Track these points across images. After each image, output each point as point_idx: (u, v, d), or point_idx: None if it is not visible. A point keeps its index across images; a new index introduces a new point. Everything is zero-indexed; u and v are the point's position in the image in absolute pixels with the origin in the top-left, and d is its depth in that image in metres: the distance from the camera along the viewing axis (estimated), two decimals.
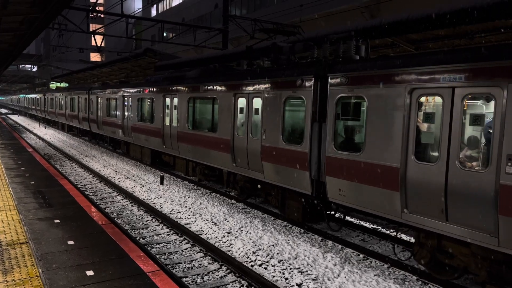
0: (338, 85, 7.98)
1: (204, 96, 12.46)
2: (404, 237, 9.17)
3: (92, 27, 22.87)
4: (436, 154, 6.41)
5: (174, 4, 48.37)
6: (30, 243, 6.41)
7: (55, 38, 29.81)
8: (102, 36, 23.28)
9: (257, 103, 10.18)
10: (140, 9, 42.27)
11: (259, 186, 10.84)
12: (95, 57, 66.81)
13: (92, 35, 19.97)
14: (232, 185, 11.98)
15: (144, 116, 16.97)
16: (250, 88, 10.32)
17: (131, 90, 17.95)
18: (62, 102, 32.04)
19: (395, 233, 8.65)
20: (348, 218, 10.31)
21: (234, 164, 10.98)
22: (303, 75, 8.68)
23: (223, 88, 11.42)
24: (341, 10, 20.56)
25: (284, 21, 22.29)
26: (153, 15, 53.13)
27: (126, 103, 18.54)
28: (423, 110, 6.76)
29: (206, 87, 12.23)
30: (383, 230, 9.74)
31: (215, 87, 11.79)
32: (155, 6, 53.58)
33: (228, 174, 11.90)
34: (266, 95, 9.71)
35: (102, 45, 23.39)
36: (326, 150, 8.21)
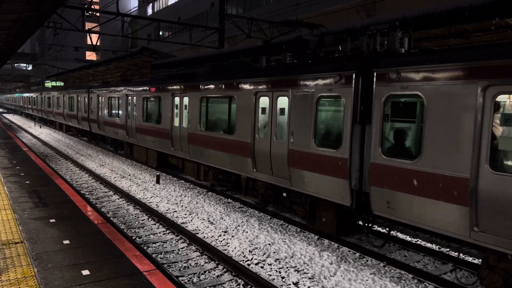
0: (386, 82, 6.96)
1: (219, 95, 11.51)
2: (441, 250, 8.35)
3: (88, 25, 22.76)
4: None
5: (170, 2, 48.23)
6: (25, 243, 6.38)
7: (50, 36, 29.66)
8: (97, 35, 23.18)
9: (283, 102, 9.22)
10: (136, 8, 42.13)
11: (284, 194, 9.80)
12: (90, 56, 66.47)
13: (88, 34, 19.84)
14: (251, 192, 11.06)
15: (151, 116, 15.99)
16: (275, 85, 9.34)
17: (136, 89, 17.02)
18: (60, 101, 31.04)
19: (457, 254, 7.73)
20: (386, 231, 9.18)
21: (254, 170, 10.05)
22: (342, 70, 7.63)
23: (242, 85, 10.44)
24: (337, 9, 20.57)
25: (280, 20, 22.28)
26: (149, 14, 52.95)
27: (130, 103, 17.70)
28: (501, 111, 5.72)
29: (222, 85, 11.25)
30: (428, 244, 8.74)
31: (232, 85, 10.81)
32: (151, 4, 53.41)
33: (247, 180, 10.99)
34: (295, 94, 8.72)
35: (98, 44, 23.29)
36: (371, 156, 7.17)
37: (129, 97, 17.71)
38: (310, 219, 9.20)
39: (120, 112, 18.75)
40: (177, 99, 13.83)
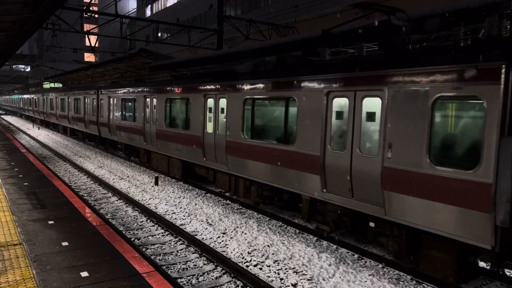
0: None
1: (271, 96, 9.60)
2: None
3: (86, 27, 22.77)
4: None
5: (168, 4, 48.27)
6: (24, 245, 6.37)
7: (48, 38, 29.64)
8: (96, 36, 23.16)
9: (372, 105, 7.28)
10: (135, 9, 42.14)
11: (372, 224, 7.61)
12: (89, 57, 66.48)
13: (86, 35, 19.85)
14: (315, 216, 8.91)
15: (175, 120, 14.13)
16: (359, 83, 7.36)
17: (156, 89, 15.14)
18: (64, 103, 28.98)
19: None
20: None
21: (324, 190, 8.07)
22: (481, 61, 5.67)
23: (306, 84, 8.48)
24: (336, 11, 20.63)
25: (279, 21, 22.36)
26: (147, 15, 52.97)
27: (149, 105, 15.77)
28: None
29: (275, 84, 9.33)
30: None
31: (291, 84, 8.87)
32: (149, 6, 53.45)
33: (311, 201, 8.81)
34: (394, 93, 6.76)
35: (96, 45, 23.28)
36: None
37: (148, 99, 15.81)
38: (406, 256, 7.12)
39: (136, 115, 16.81)
40: (210, 101, 11.86)
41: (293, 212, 11.04)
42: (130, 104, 17.78)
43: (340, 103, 7.83)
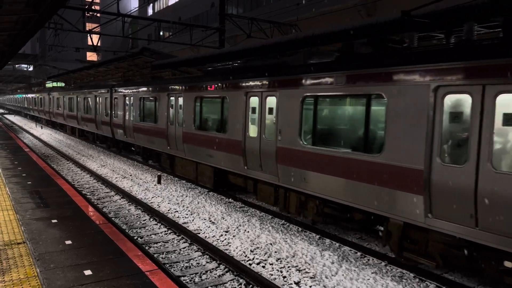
0: None
1: (344, 93, 7.84)
2: None
3: (88, 26, 22.81)
4: None
5: (170, 3, 48.27)
6: (28, 243, 6.40)
7: (50, 37, 29.71)
8: (98, 36, 23.20)
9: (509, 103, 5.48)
10: (137, 8, 42.17)
11: (508, 264, 5.73)
12: (91, 56, 66.57)
13: (88, 35, 19.87)
14: (410, 245, 7.04)
15: (208, 122, 12.73)
16: (487, 74, 5.63)
17: (183, 87, 13.47)
18: (72, 102, 27.43)
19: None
20: None
21: (429, 215, 6.32)
22: None
23: (404, 77, 6.70)
24: (338, 8, 20.58)
25: (281, 19, 22.33)
26: (149, 14, 53.01)
27: (173, 104, 14.20)
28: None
29: (352, 78, 7.53)
30: None
31: (379, 77, 7.08)
32: (151, 5, 53.46)
33: (404, 227, 6.96)
34: None
35: (98, 44, 23.31)
36: None
37: (172, 97, 14.23)
38: None
39: (158, 116, 15.15)
40: (254, 100, 10.32)
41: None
42: (150, 103, 16.10)
43: (456, 101, 6.11)
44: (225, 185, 12.50)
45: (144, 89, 16.59)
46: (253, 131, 10.30)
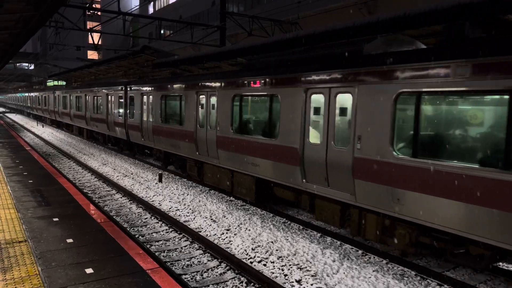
0: None
1: (469, 88, 5.92)
2: None
3: (89, 24, 22.82)
4: None
5: (171, 1, 48.23)
6: (29, 242, 6.41)
7: (52, 36, 29.73)
8: (99, 34, 23.21)
9: None
10: (137, 7, 42.15)
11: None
12: (92, 55, 66.61)
13: (89, 33, 19.87)
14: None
15: (251, 125, 10.88)
16: None
17: (218, 83, 11.60)
18: (80, 101, 25.81)
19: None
20: None
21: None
22: None
23: None
24: (339, 6, 20.54)
25: (282, 17, 22.30)
26: (150, 13, 52.97)
27: (204, 104, 12.29)
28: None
29: (484, 68, 5.73)
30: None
31: None
32: (152, 3, 53.42)
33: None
34: None
35: (99, 43, 23.32)
36: None
37: (203, 96, 12.42)
38: None
39: (184, 117, 13.37)
40: (317, 99, 8.48)
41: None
42: (174, 103, 14.40)
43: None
44: (269, 198, 10.69)
45: (167, 86, 14.67)
46: (315, 136, 8.50)
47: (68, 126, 32.14)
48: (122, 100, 18.91)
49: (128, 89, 18.24)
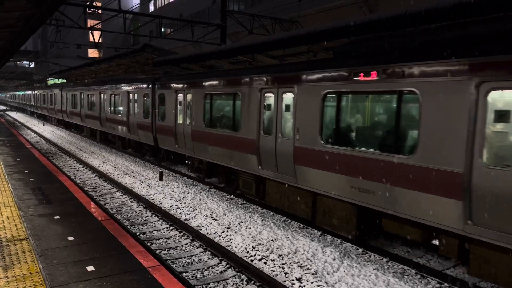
0: None
1: None
2: None
3: (90, 23, 22.81)
4: None
5: None
6: (30, 239, 6.43)
7: (52, 34, 29.72)
8: (99, 32, 23.20)
9: None
10: (138, 5, 42.12)
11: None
12: (92, 53, 66.59)
13: (90, 31, 19.88)
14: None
15: (358, 133, 8.22)
16: None
17: (304, 78, 8.63)
18: (93, 100, 23.22)
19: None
20: None
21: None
22: None
23: None
24: (339, 5, 20.52)
25: (282, 16, 22.29)
26: (150, 11, 52.91)
27: (273, 104, 9.59)
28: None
29: None
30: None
31: None
32: (152, 1, 53.38)
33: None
34: None
35: (100, 41, 23.31)
36: None
37: (270, 95, 9.71)
38: None
39: (241, 122, 10.64)
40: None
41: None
42: (225, 102, 12.16)
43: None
44: (377, 232, 8.46)
45: (215, 82, 11.90)
46: (488, 157, 5.76)
47: (78, 127, 29.52)
48: (148, 99, 16.20)
49: (157, 85, 15.46)
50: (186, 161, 15.52)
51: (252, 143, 10.18)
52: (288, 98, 9.22)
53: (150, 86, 16.05)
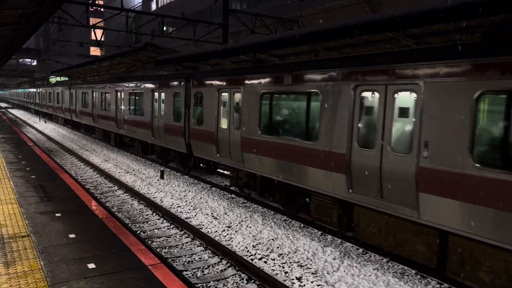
0: None
1: None
2: None
3: (92, 21, 22.83)
4: None
5: None
6: (32, 236, 6.46)
7: (54, 32, 29.73)
8: (102, 30, 23.21)
9: None
10: (140, 3, 42.13)
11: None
12: (95, 51, 66.70)
13: (92, 29, 19.89)
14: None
15: None
16: None
17: (437, 71, 6.28)
18: (107, 99, 21.25)
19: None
20: None
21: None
22: None
23: None
24: (342, 5, 20.51)
25: (285, 15, 22.28)
26: (153, 9, 52.95)
27: (381, 107, 7.13)
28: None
29: None
30: None
31: None
32: (154, 0, 53.40)
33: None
34: None
35: (102, 39, 23.33)
36: None
37: (367, 93, 7.48)
38: None
39: (316, 128, 8.61)
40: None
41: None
42: (292, 105, 9.90)
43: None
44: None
45: (277, 78, 9.56)
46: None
47: (88, 128, 27.28)
48: (179, 99, 13.95)
49: (193, 83, 13.15)
50: (225, 172, 13.92)
51: (337, 158, 7.95)
52: (401, 99, 6.88)
53: (182, 83, 13.71)
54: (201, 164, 15.23)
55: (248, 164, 10.65)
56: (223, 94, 11.68)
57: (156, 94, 15.63)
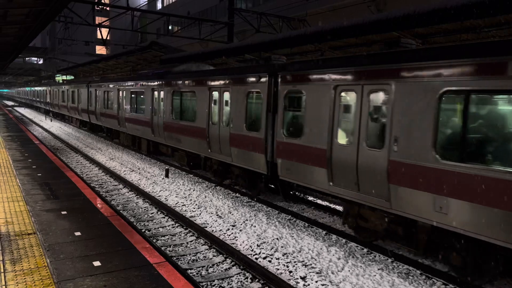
0: None
1: None
2: None
3: (98, 20, 22.94)
4: None
5: None
6: (38, 234, 6.50)
7: (61, 31, 29.88)
8: (107, 29, 23.29)
9: None
10: (146, 2, 42.24)
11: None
12: (100, 50, 66.90)
13: (98, 28, 19.99)
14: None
15: None
16: None
17: None
18: (140, 100, 17.68)
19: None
20: None
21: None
22: None
23: None
24: (347, 4, 20.44)
25: (290, 14, 22.25)
26: (158, 8, 53.08)
27: None
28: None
29: None
30: None
31: None
32: None
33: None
34: None
35: (108, 38, 23.42)
36: None
37: None
38: None
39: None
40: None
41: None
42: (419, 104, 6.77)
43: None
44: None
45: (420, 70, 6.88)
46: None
47: (110, 132, 23.41)
48: (257, 101, 10.64)
49: (287, 77, 9.49)
50: (336, 206, 10.65)
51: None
52: None
53: (265, 79, 10.03)
54: (293, 192, 11.44)
55: (401, 204, 6.85)
56: (342, 94, 8.11)
57: (216, 93, 12.13)
